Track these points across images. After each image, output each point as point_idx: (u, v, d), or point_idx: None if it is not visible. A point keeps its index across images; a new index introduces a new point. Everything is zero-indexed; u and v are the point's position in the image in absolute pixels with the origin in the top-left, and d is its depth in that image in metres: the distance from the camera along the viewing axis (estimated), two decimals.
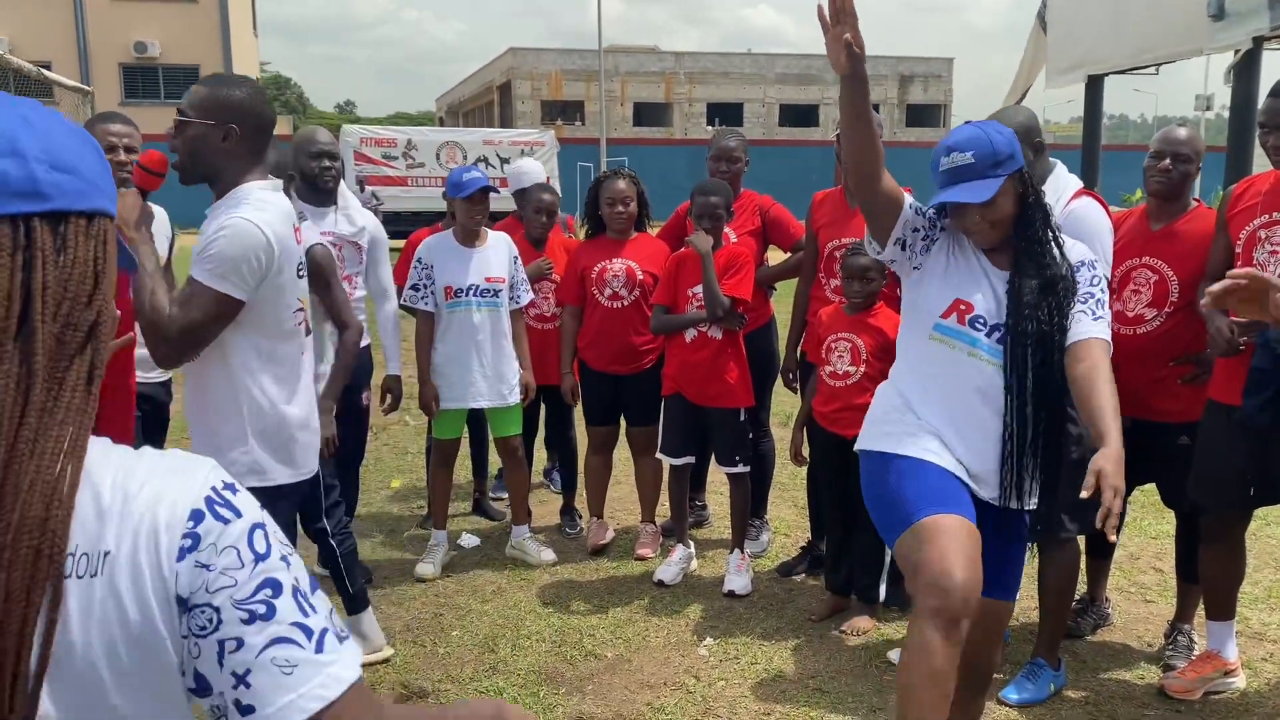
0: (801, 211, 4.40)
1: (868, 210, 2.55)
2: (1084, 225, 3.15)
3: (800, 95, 43.29)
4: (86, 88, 10.70)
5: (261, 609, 0.84)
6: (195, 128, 2.54)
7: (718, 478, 4.79)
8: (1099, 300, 2.46)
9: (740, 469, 4.25)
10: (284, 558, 0.88)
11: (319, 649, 0.85)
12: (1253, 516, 3.44)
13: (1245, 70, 10.02)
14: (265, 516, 0.90)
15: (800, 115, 43.07)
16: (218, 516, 0.86)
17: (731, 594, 4.15)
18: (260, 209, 2.48)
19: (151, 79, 31.25)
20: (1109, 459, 2.17)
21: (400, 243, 5.13)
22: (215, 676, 0.83)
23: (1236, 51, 10.11)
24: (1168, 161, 3.40)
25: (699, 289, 4.12)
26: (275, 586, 0.85)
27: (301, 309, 2.70)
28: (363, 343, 3.73)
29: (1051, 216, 2.53)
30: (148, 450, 0.90)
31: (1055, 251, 2.48)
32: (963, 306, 2.50)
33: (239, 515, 0.87)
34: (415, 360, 4.41)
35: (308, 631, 0.85)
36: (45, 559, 0.77)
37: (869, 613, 3.90)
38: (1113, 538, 2.20)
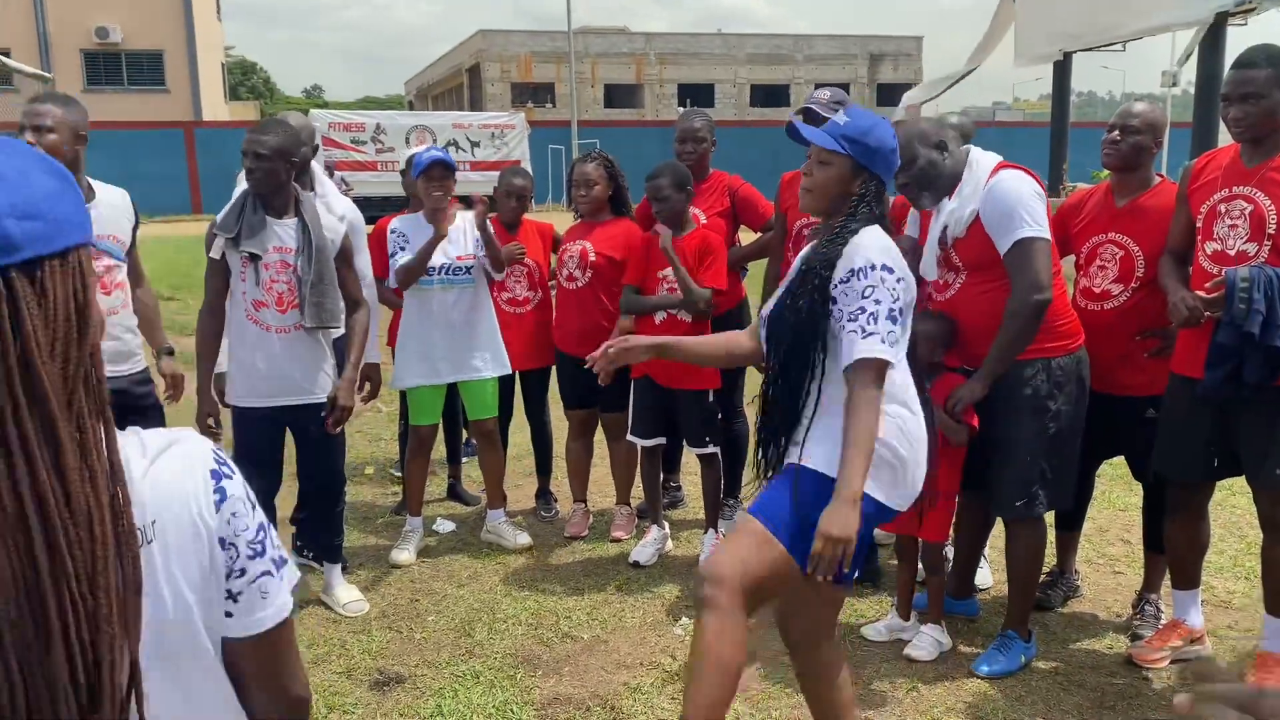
0: (775, 192, 4.41)
1: None
2: (999, 203, 3.13)
3: (771, 75, 43.24)
4: (47, 74, 10.55)
5: (259, 547, 1.09)
6: None
7: (691, 459, 4.81)
8: (871, 314, 2.33)
9: (710, 450, 4.27)
10: (254, 503, 1.11)
11: (281, 579, 1.11)
12: (1216, 487, 3.50)
13: (1210, 45, 10.12)
14: None
15: (771, 95, 43.03)
16: (225, 475, 1.08)
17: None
18: None
19: (114, 65, 30.75)
20: (828, 514, 2.26)
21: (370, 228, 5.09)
22: (219, 592, 1.07)
23: (1199, 32, 10.18)
24: (1116, 133, 3.45)
25: (669, 272, 4.12)
26: (263, 528, 1.10)
27: None
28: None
29: (850, 239, 2.40)
30: (134, 429, 1.07)
31: (828, 262, 2.41)
32: None
33: (233, 473, 1.09)
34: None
35: (278, 565, 1.11)
36: (129, 541, 0.94)
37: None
38: (820, 578, 2.28)
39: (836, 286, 2.38)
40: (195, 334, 3.72)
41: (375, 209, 19.35)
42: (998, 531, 3.82)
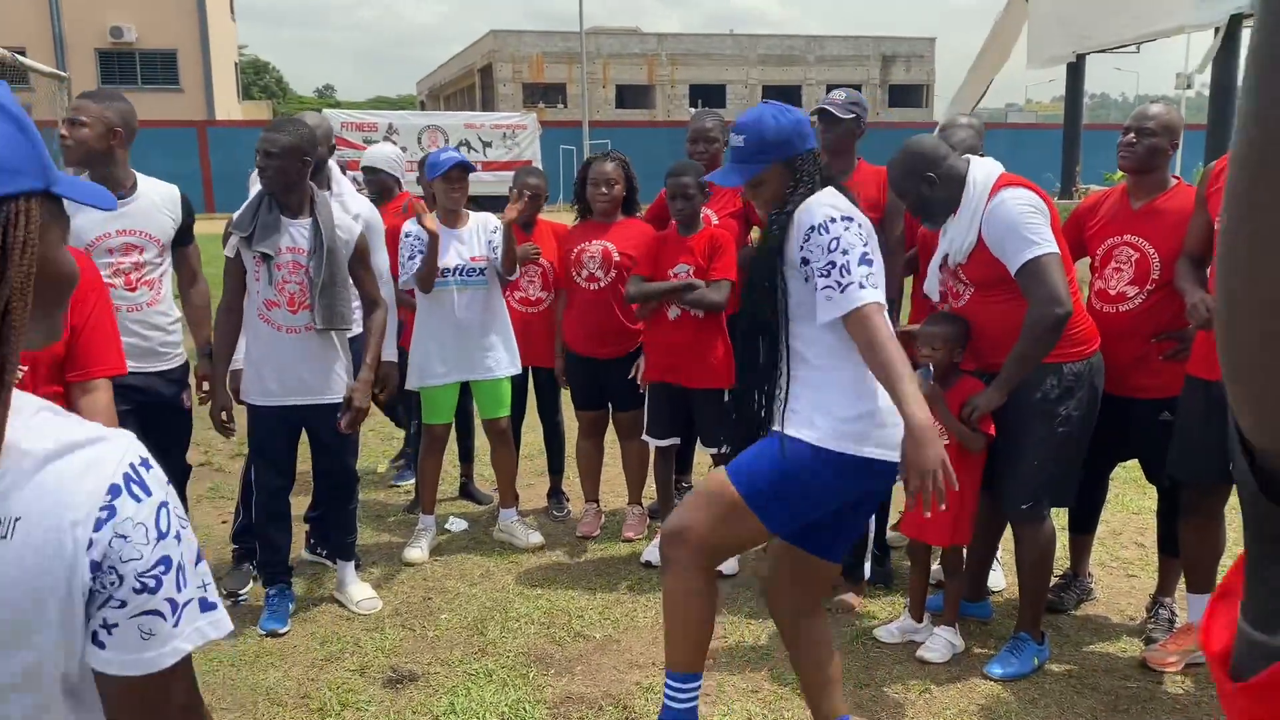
0: None
1: None
2: (1000, 227, 3.14)
3: (782, 76, 43.22)
4: (62, 74, 10.59)
5: (152, 583, 0.95)
6: None
7: (704, 459, 4.81)
8: (843, 266, 2.37)
9: (725, 450, 4.26)
10: (178, 535, 0.98)
11: (176, 623, 0.97)
12: (1232, 490, 3.48)
13: (1226, 48, 10.08)
14: (170, 493, 1.00)
15: (783, 96, 42.91)
16: (132, 494, 0.95)
17: (719, 574, 4.17)
18: None
19: (128, 64, 30.89)
20: (910, 455, 2.29)
21: None
22: (91, 613, 0.95)
23: (1217, 31, 10.14)
24: (1132, 135, 3.44)
25: (679, 269, 4.11)
26: (167, 564, 0.96)
27: None
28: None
29: (797, 208, 2.47)
30: (72, 417, 0.98)
31: (778, 236, 2.50)
32: None
33: (149, 494, 0.96)
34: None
35: (174, 606, 0.97)
36: None
37: (855, 590, 3.94)
38: (926, 514, 2.37)
39: (802, 249, 2.43)
40: (213, 330, 3.74)
41: None
42: (1011, 534, 3.82)
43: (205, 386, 3.78)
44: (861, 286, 2.36)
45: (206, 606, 1.00)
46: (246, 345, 3.74)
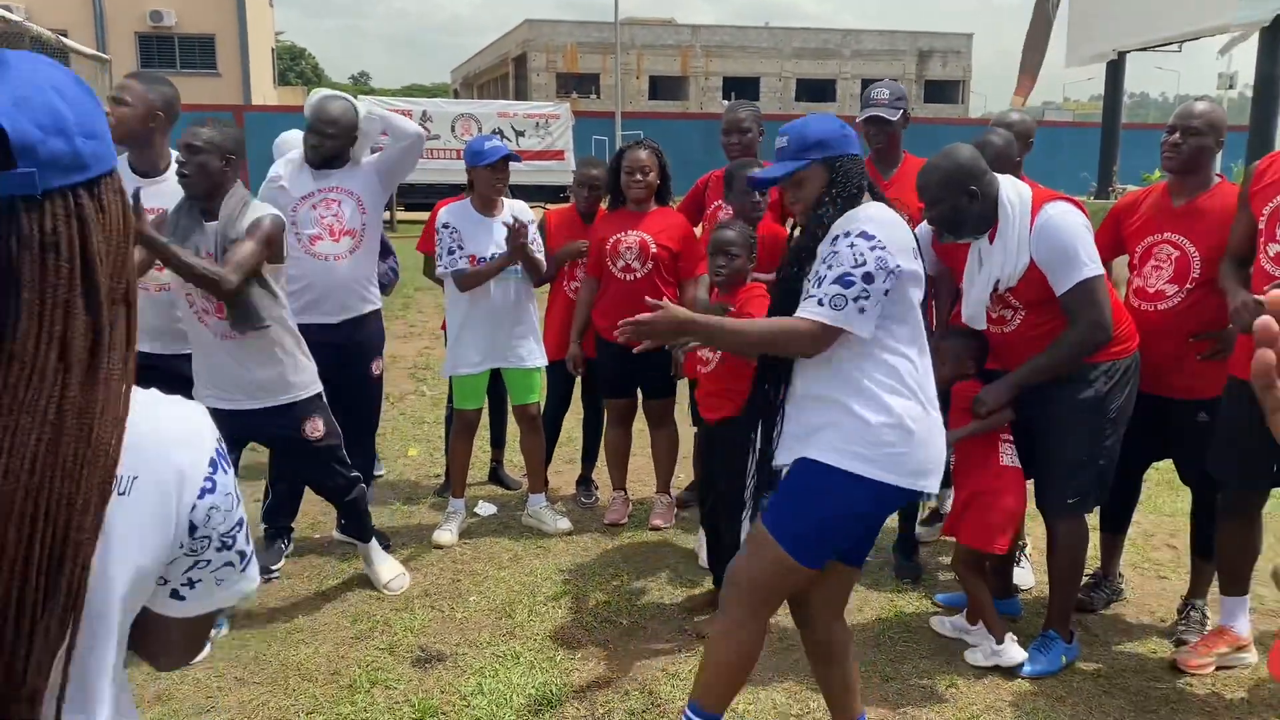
0: None
1: None
2: (1054, 243, 3.11)
3: (817, 69, 42.98)
4: (104, 56, 10.72)
5: (230, 541, 1.06)
6: None
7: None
8: (820, 277, 2.37)
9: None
10: (239, 498, 1.08)
11: (245, 569, 1.10)
12: (1271, 494, 3.45)
13: (1269, 48, 9.93)
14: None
15: (817, 90, 42.77)
16: (222, 468, 1.05)
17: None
18: None
19: (167, 48, 31.21)
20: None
21: (416, 214, 5.13)
22: (174, 574, 1.04)
23: (1263, 31, 9.97)
24: (1177, 135, 3.38)
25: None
26: (241, 524, 1.08)
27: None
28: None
29: (836, 213, 2.45)
30: (154, 392, 1.03)
31: (814, 238, 2.46)
32: None
33: (229, 468, 1.06)
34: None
35: (244, 556, 1.10)
36: (107, 474, 0.90)
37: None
38: None
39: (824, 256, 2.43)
40: None
41: (420, 195, 19.34)
42: (1041, 532, 3.80)
43: None
44: (820, 303, 2.33)
45: (249, 558, 1.12)
46: (192, 351, 3.55)
